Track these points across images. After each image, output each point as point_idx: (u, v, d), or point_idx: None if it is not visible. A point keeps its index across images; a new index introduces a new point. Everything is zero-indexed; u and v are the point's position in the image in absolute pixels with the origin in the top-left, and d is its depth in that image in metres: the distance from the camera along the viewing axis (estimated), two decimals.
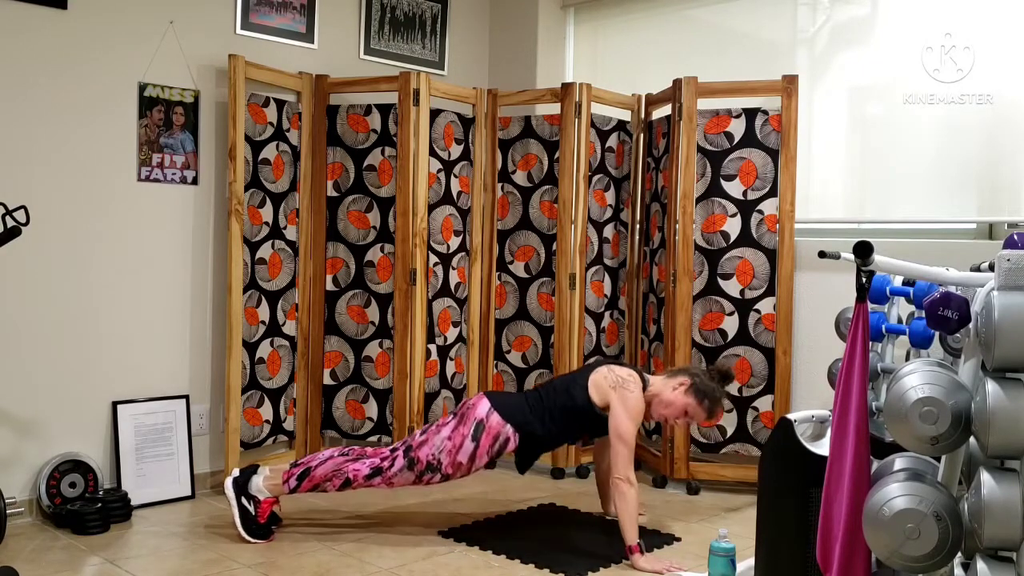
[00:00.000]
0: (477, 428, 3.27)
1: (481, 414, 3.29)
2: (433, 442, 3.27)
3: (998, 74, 3.65)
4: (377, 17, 4.50)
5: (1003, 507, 1.74)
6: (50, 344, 3.52)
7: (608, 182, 4.41)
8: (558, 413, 3.33)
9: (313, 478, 3.27)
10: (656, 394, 3.34)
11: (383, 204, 4.15)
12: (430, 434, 3.30)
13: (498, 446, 3.28)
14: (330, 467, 3.27)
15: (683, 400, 3.30)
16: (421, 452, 3.27)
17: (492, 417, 3.28)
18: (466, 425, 3.28)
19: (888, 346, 3.12)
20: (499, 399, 3.35)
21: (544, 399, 3.36)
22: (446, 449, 3.26)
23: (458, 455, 3.25)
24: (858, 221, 4.13)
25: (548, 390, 3.40)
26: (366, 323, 4.19)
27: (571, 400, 3.32)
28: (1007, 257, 1.80)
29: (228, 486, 3.28)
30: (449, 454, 3.25)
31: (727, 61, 4.34)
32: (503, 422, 3.28)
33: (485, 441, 3.26)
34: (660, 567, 3.06)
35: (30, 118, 3.45)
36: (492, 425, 3.27)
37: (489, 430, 3.26)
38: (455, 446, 3.26)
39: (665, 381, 3.37)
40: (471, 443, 3.25)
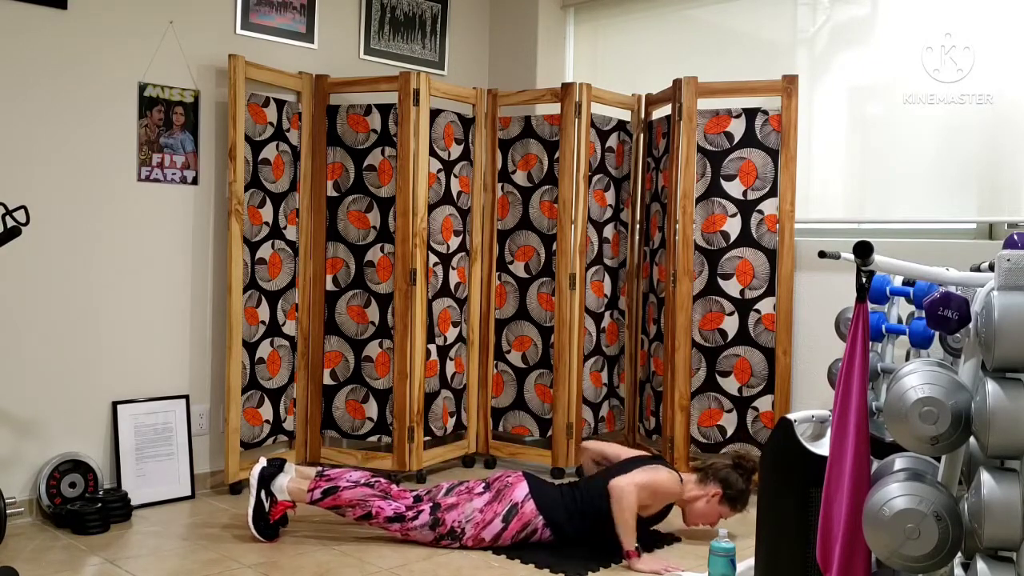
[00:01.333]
0: (510, 511, 3.24)
1: (518, 498, 3.26)
2: (463, 510, 3.25)
3: (998, 74, 3.65)
4: (377, 17, 4.50)
5: (1003, 507, 1.74)
6: (50, 344, 3.52)
7: (608, 182, 4.41)
8: (591, 516, 3.25)
9: (339, 499, 3.25)
10: (690, 502, 3.32)
11: (383, 204, 4.15)
12: (461, 499, 3.27)
13: (525, 534, 3.25)
14: (357, 495, 3.24)
15: (716, 510, 3.31)
16: (448, 516, 3.24)
17: (527, 505, 3.25)
18: (501, 503, 3.25)
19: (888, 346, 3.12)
20: (538, 487, 3.30)
21: (579, 499, 3.29)
22: (474, 521, 3.24)
23: (483, 531, 3.23)
24: (858, 221, 4.13)
25: (586, 489, 3.31)
26: (366, 323, 4.19)
27: (601, 506, 3.23)
28: (1007, 257, 1.80)
29: (254, 475, 3.27)
30: (475, 527, 3.23)
31: (727, 61, 4.34)
32: (537, 512, 3.24)
33: (515, 526, 3.24)
34: (659, 567, 3.06)
35: (30, 118, 3.45)
36: (525, 512, 3.24)
37: (521, 516, 3.24)
38: (484, 521, 3.23)
39: (697, 487, 3.32)
40: (500, 523, 3.23)
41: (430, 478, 4.16)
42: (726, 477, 3.30)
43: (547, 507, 3.25)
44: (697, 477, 3.35)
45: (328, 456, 4.20)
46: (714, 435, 4.09)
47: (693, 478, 3.35)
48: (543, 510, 3.25)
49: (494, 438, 4.50)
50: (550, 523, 3.25)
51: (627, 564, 3.11)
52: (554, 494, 3.31)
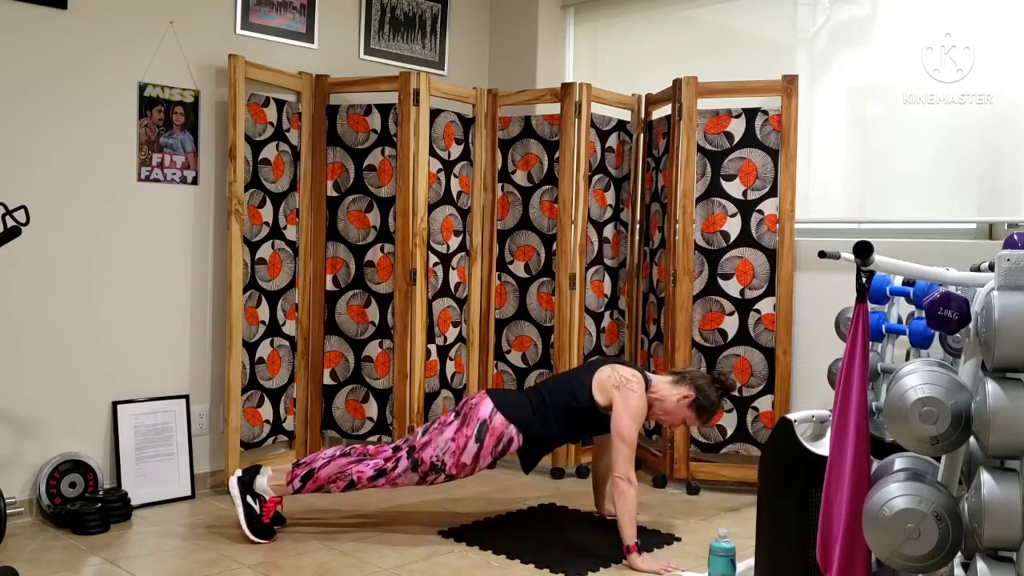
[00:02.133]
0: (481, 428, 3.26)
1: (484, 414, 3.29)
2: (436, 443, 3.27)
3: (998, 74, 3.65)
4: (377, 17, 4.50)
5: (1003, 507, 1.74)
6: (50, 344, 3.52)
7: (608, 182, 4.41)
8: (561, 413, 3.32)
9: (317, 479, 3.27)
10: (659, 399, 3.34)
11: (383, 204, 4.15)
12: (433, 434, 3.30)
13: (502, 446, 3.28)
14: (334, 468, 3.27)
15: (684, 412, 3.34)
16: (425, 453, 3.27)
17: (496, 417, 3.28)
18: (469, 426, 3.28)
19: (888, 346, 3.12)
20: (502, 398, 3.35)
21: (546, 398, 3.35)
22: (450, 450, 3.26)
23: (462, 456, 3.25)
24: (858, 221, 4.13)
25: (550, 389, 3.39)
26: (366, 323, 4.19)
27: (574, 400, 3.32)
28: (1007, 257, 1.80)
29: (232, 485, 3.28)
30: (453, 455, 3.25)
31: (727, 61, 4.34)
32: (507, 422, 3.28)
33: (489, 441, 3.26)
34: (658, 567, 3.06)
35: (30, 118, 3.45)
36: (496, 425, 3.27)
37: (493, 430, 3.26)
38: (459, 447, 3.26)
39: (669, 387, 3.36)
40: (475, 444, 3.25)
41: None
42: (701, 385, 3.34)
43: (515, 415, 3.29)
44: (671, 378, 3.39)
45: None
46: (714, 435, 4.09)
47: (667, 379, 3.40)
48: (512, 418, 3.28)
49: None
50: (521, 428, 3.28)
51: (627, 562, 3.11)
52: (519, 400, 3.35)
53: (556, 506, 3.82)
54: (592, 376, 3.34)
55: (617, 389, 3.28)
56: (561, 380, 3.43)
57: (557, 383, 3.41)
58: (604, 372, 3.34)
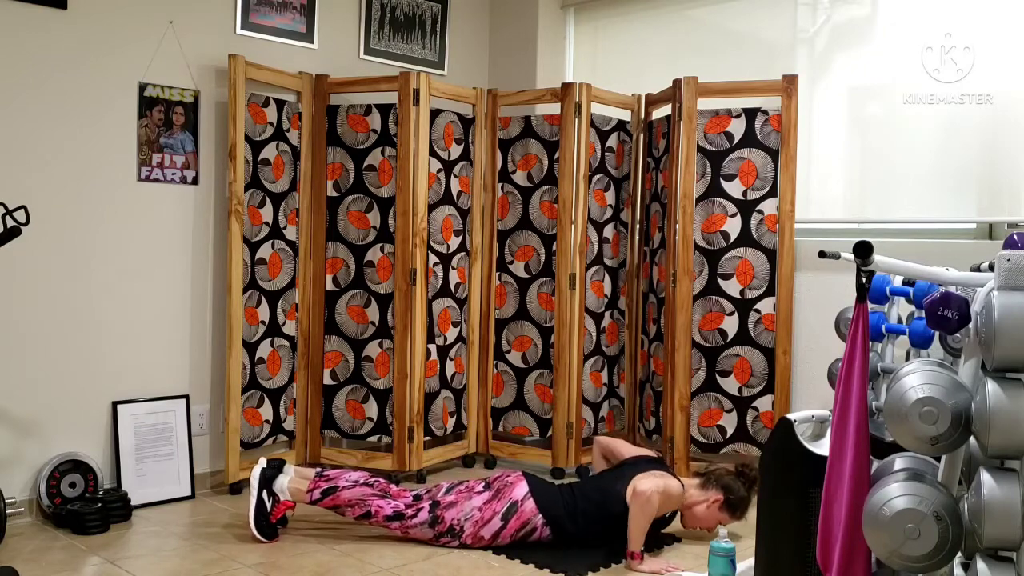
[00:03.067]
0: (510, 509, 3.24)
1: (517, 496, 3.26)
2: (462, 508, 3.25)
3: (998, 74, 3.65)
4: (377, 17, 4.50)
5: (1003, 507, 1.74)
6: (50, 344, 3.52)
7: (608, 182, 4.41)
8: (592, 516, 3.26)
9: (338, 499, 3.25)
10: (691, 506, 3.31)
11: (383, 204, 4.15)
12: (460, 497, 3.28)
13: (524, 532, 3.25)
14: (356, 495, 3.25)
15: (716, 516, 3.30)
16: (447, 513, 3.25)
17: (527, 503, 3.25)
18: (500, 502, 3.25)
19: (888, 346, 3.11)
20: (538, 486, 3.31)
21: (579, 499, 3.29)
22: (473, 519, 3.24)
23: (482, 529, 3.24)
24: (858, 221, 4.12)
25: (584, 490, 3.32)
26: (366, 323, 4.19)
27: (606, 508, 3.24)
28: (1007, 257, 1.80)
29: (255, 474, 3.27)
30: (474, 525, 3.24)
31: (727, 61, 4.33)
32: (536, 511, 3.24)
33: (514, 524, 3.24)
34: (659, 567, 3.06)
35: (30, 118, 3.45)
36: (525, 511, 3.24)
37: (521, 514, 3.24)
38: (483, 519, 3.24)
39: (699, 492, 3.32)
40: (499, 522, 3.23)
41: (430, 478, 4.16)
42: (728, 484, 3.30)
43: (547, 506, 3.25)
44: (699, 482, 3.35)
45: (328, 456, 4.20)
46: (714, 435, 4.09)
47: (695, 483, 3.35)
48: (543, 509, 3.25)
49: (494, 438, 4.50)
50: (550, 522, 3.25)
51: (628, 564, 3.11)
52: (554, 493, 3.31)
53: None
54: (628, 483, 3.26)
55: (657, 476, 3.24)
56: (596, 483, 3.35)
57: (592, 485, 3.34)
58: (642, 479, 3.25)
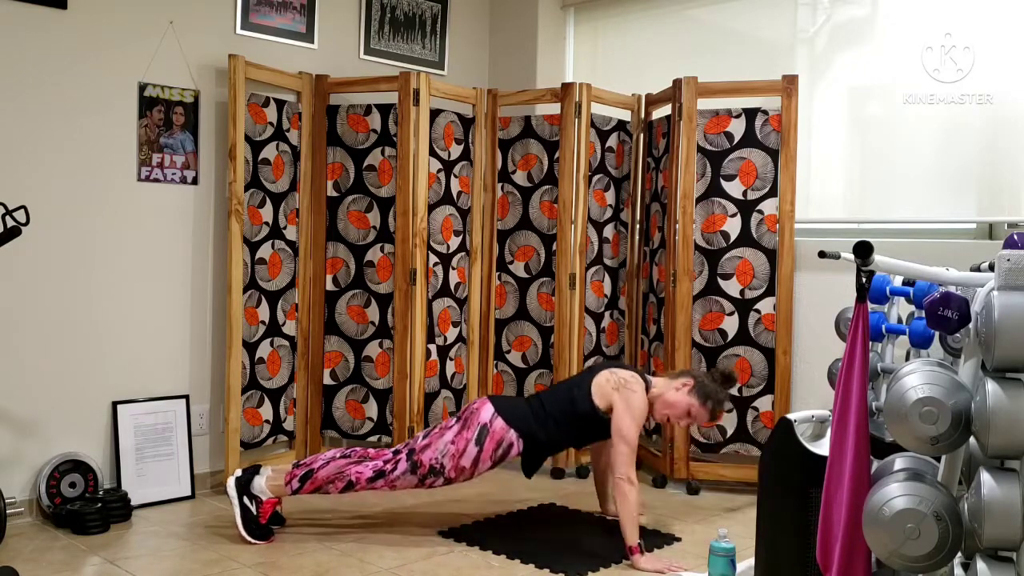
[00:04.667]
0: (481, 433, 3.27)
1: (485, 418, 3.29)
2: (436, 446, 3.28)
3: (998, 74, 3.65)
4: (377, 17, 4.50)
5: (1003, 507, 1.75)
6: (50, 344, 3.52)
7: (608, 182, 4.41)
8: (561, 418, 3.33)
9: (315, 480, 3.27)
10: (659, 395, 3.34)
11: (383, 204, 4.15)
12: (433, 437, 3.31)
13: (502, 451, 3.28)
14: (332, 469, 3.27)
15: (686, 400, 3.30)
16: (424, 456, 3.27)
17: (496, 422, 3.28)
18: (470, 429, 3.28)
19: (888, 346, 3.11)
20: (503, 403, 3.35)
21: (546, 404, 3.36)
22: (449, 453, 3.26)
23: (461, 459, 3.26)
24: (858, 221, 4.12)
25: (550, 395, 3.40)
26: (366, 323, 4.19)
27: (573, 405, 3.32)
28: (1007, 257, 1.80)
29: (230, 486, 3.28)
30: (452, 458, 3.25)
31: (727, 61, 4.34)
32: (507, 427, 3.28)
33: (489, 446, 3.26)
34: (660, 567, 3.06)
35: (30, 118, 3.45)
36: (496, 430, 3.27)
37: (493, 435, 3.26)
38: (459, 450, 3.26)
39: (667, 382, 3.38)
40: (475, 447, 3.25)
41: None
42: (699, 375, 3.36)
43: (515, 419, 3.29)
44: (669, 374, 3.41)
45: None
46: (714, 435, 4.09)
47: (664, 376, 3.41)
48: (513, 423, 3.28)
49: None
50: (522, 434, 3.28)
51: (630, 562, 3.11)
52: (520, 406, 3.36)
53: (556, 506, 3.82)
54: (591, 380, 3.34)
55: (617, 391, 3.28)
56: (560, 386, 3.44)
57: (556, 389, 3.42)
58: (603, 376, 3.34)
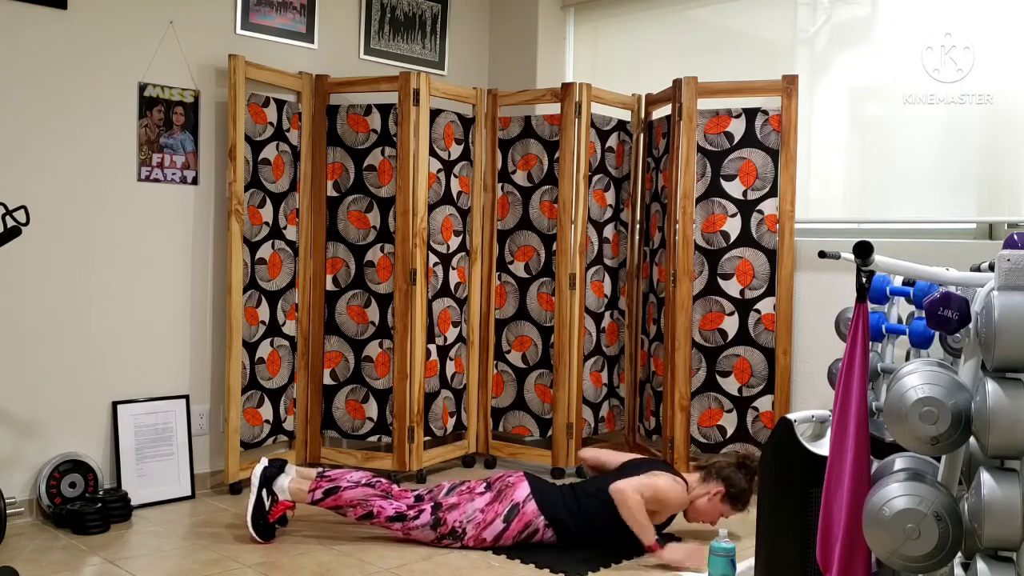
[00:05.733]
0: (511, 511, 3.24)
1: (519, 498, 3.26)
2: (464, 510, 3.25)
3: (998, 74, 3.65)
4: (377, 17, 4.50)
5: (1003, 507, 1.74)
6: (50, 344, 3.52)
7: (608, 182, 4.41)
8: (594, 517, 3.25)
9: (340, 499, 3.25)
10: (693, 500, 3.31)
11: (383, 204, 4.15)
12: (462, 499, 3.28)
13: (527, 534, 3.24)
14: (359, 495, 3.25)
15: (718, 508, 3.30)
16: (449, 516, 3.25)
17: (529, 505, 3.24)
18: (502, 503, 3.25)
19: (888, 346, 3.11)
20: (539, 487, 3.30)
21: (580, 500, 3.29)
22: (475, 521, 3.24)
23: (484, 531, 3.23)
24: (858, 221, 4.12)
25: (586, 490, 3.32)
26: (366, 323, 4.19)
27: (608, 508, 3.23)
28: (1007, 257, 1.80)
29: (256, 472, 3.27)
30: (476, 527, 3.23)
31: (727, 61, 4.34)
32: (538, 512, 3.24)
33: (516, 526, 3.23)
34: (680, 556, 3.08)
35: (30, 118, 3.45)
36: (527, 512, 3.24)
37: (523, 516, 3.23)
38: (485, 521, 3.24)
39: (701, 486, 3.32)
40: (502, 523, 3.23)
41: (430, 478, 4.16)
42: (729, 476, 3.30)
43: (549, 507, 3.25)
44: (700, 476, 3.35)
45: (328, 456, 4.20)
46: (714, 435, 4.09)
47: (696, 477, 3.35)
48: (544, 510, 3.24)
49: (494, 438, 4.50)
50: (552, 523, 3.25)
51: (655, 557, 3.11)
52: (555, 494, 3.31)
53: None
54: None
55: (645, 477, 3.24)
56: (597, 484, 3.35)
57: (592, 484, 3.34)
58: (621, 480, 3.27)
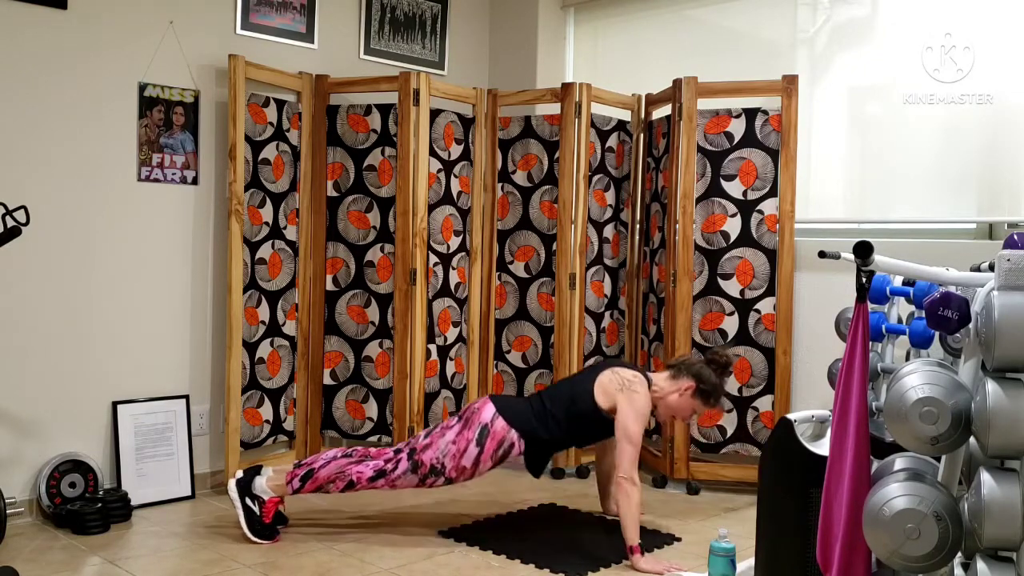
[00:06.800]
0: (482, 432, 3.26)
1: (486, 418, 3.29)
2: (437, 445, 3.27)
3: (998, 74, 3.65)
4: (377, 17, 4.50)
5: (1003, 507, 1.74)
6: (50, 344, 3.52)
7: (608, 182, 4.41)
8: (563, 417, 3.32)
9: (316, 479, 3.27)
10: (662, 397, 3.35)
11: (383, 204, 4.15)
12: (434, 437, 3.30)
13: (502, 451, 3.28)
14: (333, 469, 3.27)
15: (690, 404, 3.34)
16: (425, 455, 3.27)
17: (497, 422, 3.28)
18: (471, 429, 3.28)
19: (888, 346, 3.11)
20: (504, 403, 3.35)
21: (547, 403, 3.35)
22: (450, 453, 3.26)
23: (462, 459, 3.25)
24: (858, 221, 4.12)
25: (551, 393, 3.39)
26: (366, 323, 4.19)
27: (575, 405, 3.32)
28: (1007, 257, 1.80)
29: (231, 488, 3.28)
30: (453, 458, 3.25)
31: (727, 61, 4.34)
32: (508, 427, 3.27)
33: (490, 446, 3.26)
34: (660, 568, 3.06)
35: (30, 118, 3.45)
36: (497, 430, 3.27)
37: (494, 435, 3.26)
38: (459, 450, 3.26)
39: (670, 382, 3.37)
40: (475, 447, 3.25)
41: None
42: (699, 371, 3.34)
43: (517, 419, 3.29)
44: (669, 373, 3.39)
45: None
46: (714, 435, 4.09)
47: (665, 375, 3.40)
48: (514, 423, 3.27)
49: None
50: (523, 433, 3.28)
51: (630, 563, 3.11)
52: (521, 405, 3.35)
53: (556, 506, 3.82)
54: (593, 380, 3.34)
55: (620, 391, 3.28)
56: (562, 386, 3.43)
57: (558, 389, 3.41)
58: (605, 376, 3.34)
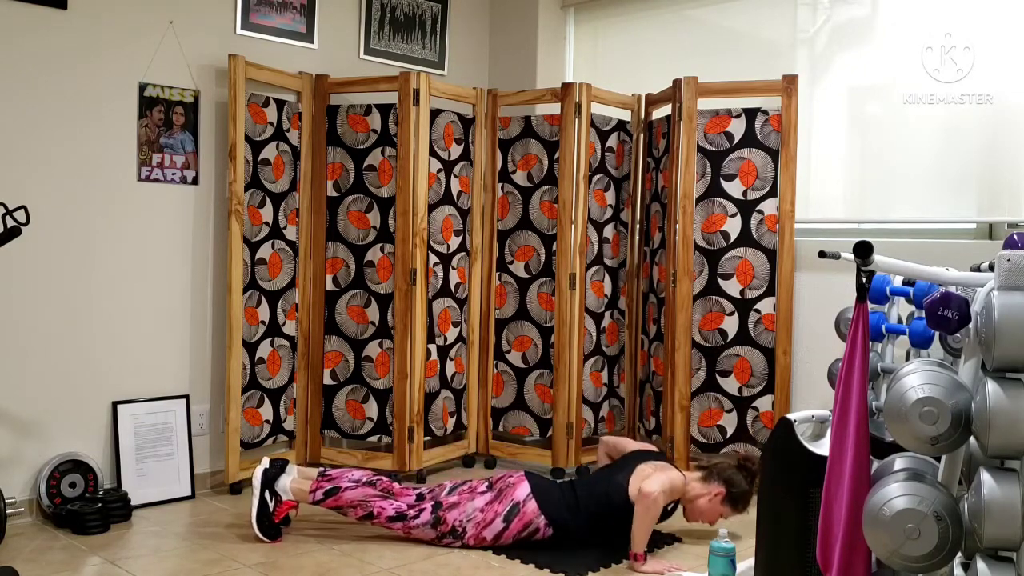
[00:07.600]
0: (511, 510, 3.23)
1: (519, 497, 3.25)
2: (464, 509, 3.25)
3: (998, 74, 3.65)
4: (377, 17, 4.50)
5: (1003, 507, 1.74)
6: (50, 344, 3.52)
7: (608, 182, 4.41)
8: (594, 512, 3.26)
9: (340, 499, 3.25)
10: (694, 498, 3.31)
11: (383, 204, 4.15)
12: (463, 498, 3.28)
13: (527, 533, 3.24)
14: (359, 495, 3.25)
15: (718, 509, 3.30)
16: (450, 514, 3.25)
17: (529, 504, 3.24)
18: (501, 503, 3.25)
19: (888, 346, 3.11)
20: (539, 486, 3.30)
21: (580, 495, 3.29)
22: (475, 520, 3.24)
23: (484, 530, 3.23)
24: (858, 221, 4.12)
25: (587, 487, 3.32)
26: (366, 323, 4.19)
27: (608, 501, 3.24)
28: (1007, 257, 1.80)
29: (257, 474, 3.27)
30: (476, 526, 3.24)
31: (727, 61, 4.33)
32: (539, 512, 3.24)
33: (516, 525, 3.23)
34: (661, 568, 3.06)
35: (30, 118, 3.45)
36: (527, 512, 3.23)
37: (523, 515, 3.23)
38: (485, 521, 3.24)
39: (701, 485, 3.32)
40: (501, 523, 3.23)
41: (430, 478, 4.16)
42: (730, 477, 3.30)
43: (548, 506, 3.25)
44: (701, 475, 3.35)
45: (328, 456, 4.20)
46: (714, 435, 4.09)
47: (696, 476, 3.35)
48: (544, 509, 3.24)
49: (494, 438, 4.50)
50: (552, 522, 3.24)
51: (631, 565, 3.11)
52: (555, 493, 3.31)
53: None
54: (631, 473, 3.28)
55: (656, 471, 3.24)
56: (597, 477, 3.37)
57: (594, 482, 3.34)
58: (646, 467, 3.29)
